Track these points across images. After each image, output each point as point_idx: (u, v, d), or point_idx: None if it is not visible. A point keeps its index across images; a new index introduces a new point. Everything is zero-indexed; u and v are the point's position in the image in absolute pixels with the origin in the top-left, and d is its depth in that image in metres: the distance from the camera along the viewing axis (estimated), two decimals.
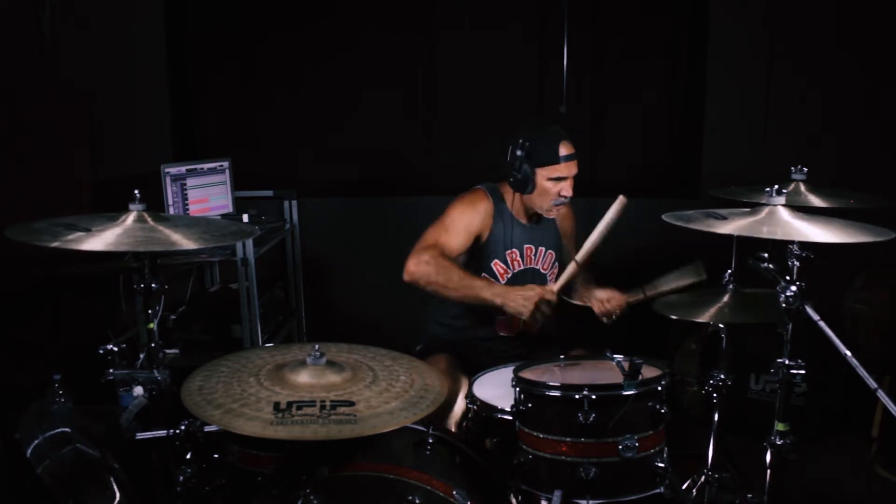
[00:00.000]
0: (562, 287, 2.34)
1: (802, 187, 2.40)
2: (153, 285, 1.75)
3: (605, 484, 1.76)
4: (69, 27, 3.40)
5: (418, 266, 2.27)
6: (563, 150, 2.36)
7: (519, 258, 2.51)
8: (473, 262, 2.45)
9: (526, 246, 2.52)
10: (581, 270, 2.49)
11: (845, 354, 1.61)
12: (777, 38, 3.58)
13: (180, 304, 3.22)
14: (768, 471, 1.85)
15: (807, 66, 3.57)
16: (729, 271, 2.17)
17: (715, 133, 3.72)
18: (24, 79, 3.23)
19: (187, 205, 3.23)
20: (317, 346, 1.60)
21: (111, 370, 1.74)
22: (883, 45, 3.48)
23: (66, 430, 1.67)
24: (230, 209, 3.40)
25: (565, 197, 2.40)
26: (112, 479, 1.68)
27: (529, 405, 1.83)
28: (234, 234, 1.91)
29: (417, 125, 3.92)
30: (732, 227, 1.74)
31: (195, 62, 3.87)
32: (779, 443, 1.82)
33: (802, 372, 1.77)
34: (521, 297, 2.23)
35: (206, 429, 1.73)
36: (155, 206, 1.85)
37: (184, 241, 1.71)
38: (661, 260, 2.38)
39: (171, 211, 3.16)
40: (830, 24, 3.53)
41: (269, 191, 3.68)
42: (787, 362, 1.78)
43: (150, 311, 1.77)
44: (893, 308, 3.22)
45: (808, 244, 1.72)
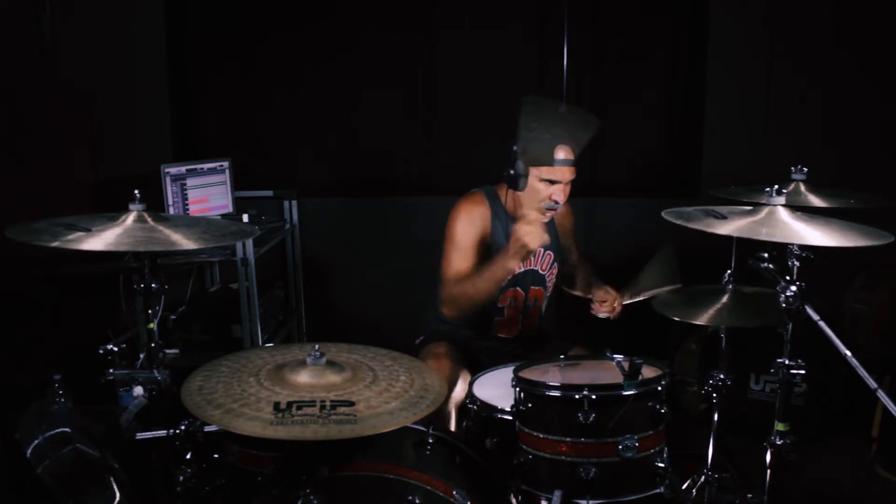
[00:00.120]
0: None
1: (802, 187, 2.40)
2: (153, 285, 1.75)
3: (605, 484, 1.76)
4: (69, 27, 3.40)
5: (451, 311, 2.38)
6: (561, 154, 2.31)
7: None
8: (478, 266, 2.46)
9: None
10: (584, 264, 2.53)
11: (845, 354, 1.61)
12: (777, 38, 3.58)
13: (180, 304, 3.22)
14: (768, 471, 1.85)
15: (807, 66, 3.57)
16: (729, 271, 2.17)
17: (715, 133, 3.72)
18: (24, 79, 3.23)
19: (187, 205, 3.22)
20: (317, 346, 1.59)
21: (111, 370, 1.74)
22: (883, 46, 3.48)
23: (66, 430, 1.67)
24: (230, 209, 3.40)
25: (556, 202, 2.32)
26: (112, 479, 1.68)
27: (529, 405, 1.83)
28: (234, 234, 1.91)
29: (417, 125, 3.92)
30: (732, 227, 1.74)
31: (195, 62, 3.86)
32: (779, 443, 1.82)
33: (802, 372, 1.77)
34: (522, 234, 2.14)
35: (206, 429, 1.74)
36: (155, 206, 1.85)
37: (184, 241, 1.71)
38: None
39: (171, 211, 3.15)
40: (830, 24, 3.53)
41: (269, 191, 3.68)
42: (787, 362, 1.78)
43: (150, 311, 1.77)
44: (893, 308, 3.22)
45: (808, 245, 1.71)
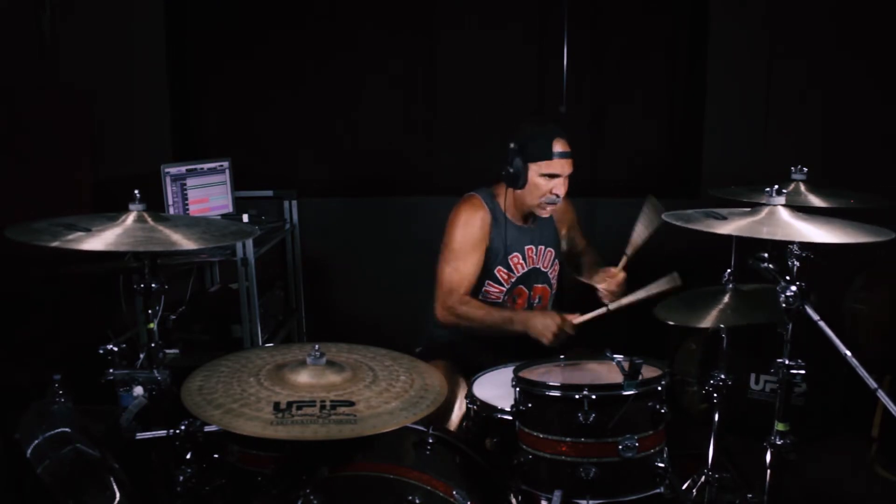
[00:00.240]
0: (583, 323, 2.36)
1: (802, 187, 2.40)
2: (153, 285, 1.75)
3: (605, 484, 1.76)
4: (69, 27, 3.41)
5: (445, 317, 2.44)
6: (558, 147, 2.36)
7: (522, 261, 2.51)
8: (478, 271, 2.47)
9: (527, 247, 2.52)
10: (591, 251, 2.55)
11: (845, 354, 1.61)
12: (777, 38, 3.58)
13: (180, 304, 3.22)
14: (768, 471, 1.85)
15: (807, 66, 3.57)
16: (729, 271, 2.17)
17: (715, 133, 3.72)
18: (24, 79, 3.24)
19: (187, 205, 3.22)
20: (317, 346, 1.59)
21: (111, 370, 1.74)
22: (883, 45, 3.48)
23: (66, 430, 1.67)
24: (230, 209, 3.40)
25: (556, 195, 2.39)
26: (112, 479, 1.68)
27: (529, 405, 1.83)
28: (234, 234, 1.91)
29: (417, 125, 3.92)
30: (732, 227, 1.74)
31: (195, 62, 3.86)
32: (779, 443, 1.82)
33: (802, 372, 1.77)
34: (541, 325, 2.31)
35: (206, 429, 1.73)
36: (155, 206, 1.84)
37: (184, 241, 1.71)
38: (662, 260, 2.38)
39: (171, 211, 3.15)
40: (830, 24, 3.53)
41: (269, 191, 3.68)
42: (787, 362, 1.78)
43: (150, 311, 1.77)
44: (893, 308, 3.22)
45: (808, 244, 1.71)
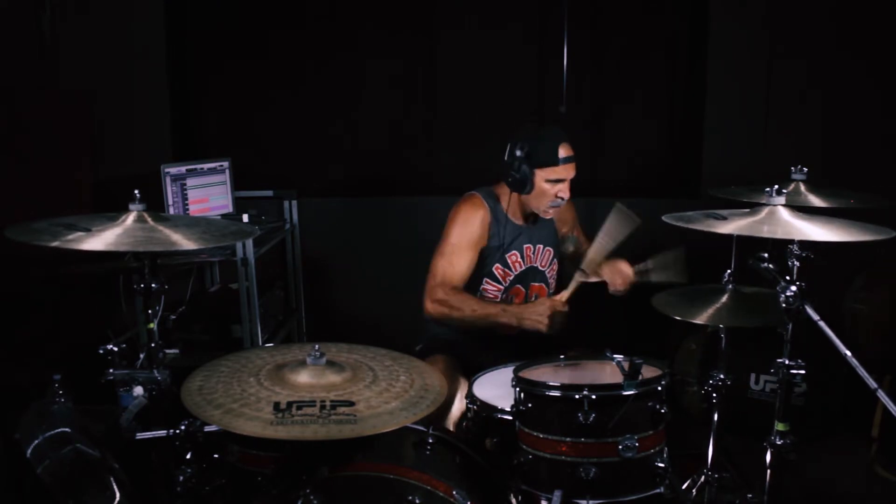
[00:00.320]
0: (570, 297, 2.38)
1: (802, 187, 2.40)
2: (153, 285, 1.75)
3: (605, 484, 1.76)
4: (69, 27, 3.40)
5: (434, 308, 2.40)
6: (563, 152, 2.39)
7: (519, 259, 2.52)
8: (475, 269, 2.46)
9: (525, 246, 2.53)
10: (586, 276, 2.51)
11: (845, 354, 1.61)
12: (777, 38, 3.58)
13: (180, 304, 3.22)
14: (768, 471, 1.85)
15: (807, 66, 3.57)
16: (729, 271, 2.17)
17: (715, 133, 3.72)
18: (24, 79, 3.24)
19: (187, 205, 3.22)
20: (317, 346, 1.59)
21: (111, 370, 1.74)
22: (883, 46, 3.48)
23: (66, 430, 1.67)
24: (230, 209, 3.40)
25: (562, 199, 2.43)
26: (112, 479, 1.68)
27: (529, 405, 1.83)
28: (234, 234, 1.91)
29: (417, 125, 3.92)
30: (732, 227, 1.74)
31: (195, 62, 3.87)
32: (779, 443, 1.82)
33: (802, 372, 1.77)
34: (535, 314, 2.31)
35: (206, 429, 1.73)
36: (155, 206, 1.85)
37: (184, 241, 1.71)
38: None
39: (171, 211, 3.15)
40: (830, 24, 3.53)
41: (269, 191, 3.68)
42: (787, 362, 1.78)
43: (150, 311, 1.77)
44: (893, 308, 3.22)
45: (808, 244, 1.72)
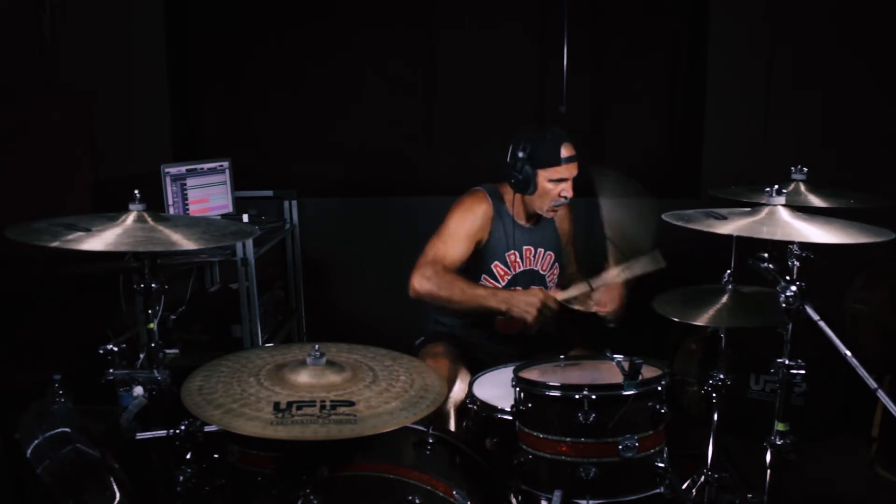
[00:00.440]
0: (566, 299, 2.36)
1: (802, 187, 2.40)
2: (153, 285, 1.75)
3: (605, 484, 1.76)
4: (69, 27, 3.40)
5: (421, 283, 2.33)
6: (565, 152, 2.38)
7: (519, 259, 2.52)
8: (473, 264, 2.45)
9: (525, 247, 2.52)
10: (581, 277, 2.51)
11: (845, 354, 1.61)
12: (777, 37, 3.58)
13: (180, 304, 3.22)
14: (768, 471, 1.85)
15: (807, 66, 3.57)
16: (728, 271, 2.17)
17: (715, 133, 3.72)
18: (24, 79, 3.24)
19: (187, 205, 3.22)
20: (317, 346, 1.59)
21: (111, 370, 1.74)
22: (883, 46, 3.48)
23: (66, 430, 1.67)
24: (230, 209, 3.40)
25: (565, 198, 2.43)
26: (112, 479, 1.68)
27: (529, 405, 1.83)
28: (234, 234, 1.91)
29: (417, 125, 3.92)
30: (732, 227, 1.74)
31: (195, 62, 3.86)
32: (779, 443, 1.82)
33: (802, 372, 1.77)
34: (524, 303, 2.27)
35: (206, 429, 1.73)
36: (155, 206, 1.84)
37: (184, 241, 1.71)
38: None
39: (171, 211, 3.15)
40: (831, 24, 3.53)
41: (269, 191, 3.68)
42: (787, 362, 1.78)
43: (150, 311, 1.77)
44: (893, 308, 3.22)
45: (808, 244, 1.71)
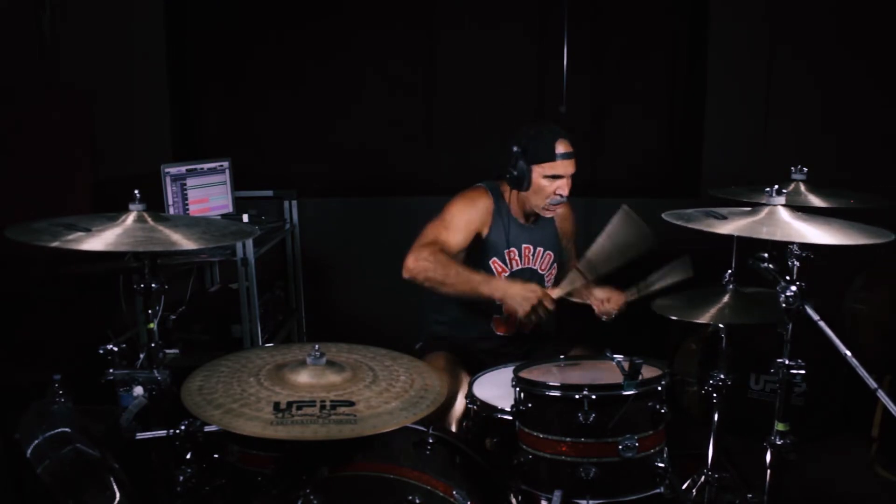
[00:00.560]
0: (562, 295, 2.32)
1: (802, 187, 2.40)
2: (153, 285, 1.75)
3: (605, 484, 1.76)
4: (69, 27, 3.40)
5: (416, 262, 2.25)
6: (560, 148, 2.36)
7: (517, 257, 2.51)
8: (472, 259, 2.44)
9: (524, 245, 2.52)
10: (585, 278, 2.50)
11: (845, 354, 1.61)
12: (777, 37, 3.59)
13: (180, 304, 3.22)
14: (768, 471, 1.85)
15: (807, 66, 3.57)
16: (729, 271, 2.17)
17: (715, 133, 3.72)
18: (24, 79, 3.23)
19: (187, 205, 3.22)
20: (317, 346, 1.59)
21: (111, 370, 1.74)
22: (883, 46, 3.48)
23: (66, 430, 1.67)
24: (230, 209, 3.40)
25: (561, 196, 2.39)
26: (112, 479, 1.68)
27: (529, 405, 1.83)
28: (234, 234, 1.90)
29: (417, 125, 3.92)
30: (732, 227, 1.74)
31: (195, 62, 3.87)
32: (779, 443, 1.82)
33: (802, 372, 1.77)
34: (520, 297, 2.21)
35: (206, 429, 1.73)
36: (155, 206, 1.84)
37: (184, 241, 1.71)
38: (661, 259, 2.38)
39: (171, 211, 3.15)
40: (831, 24, 3.53)
41: (269, 191, 3.68)
42: (787, 362, 1.78)
43: (150, 311, 1.77)
44: (893, 308, 3.22)
45: (808, 244, 1.71)
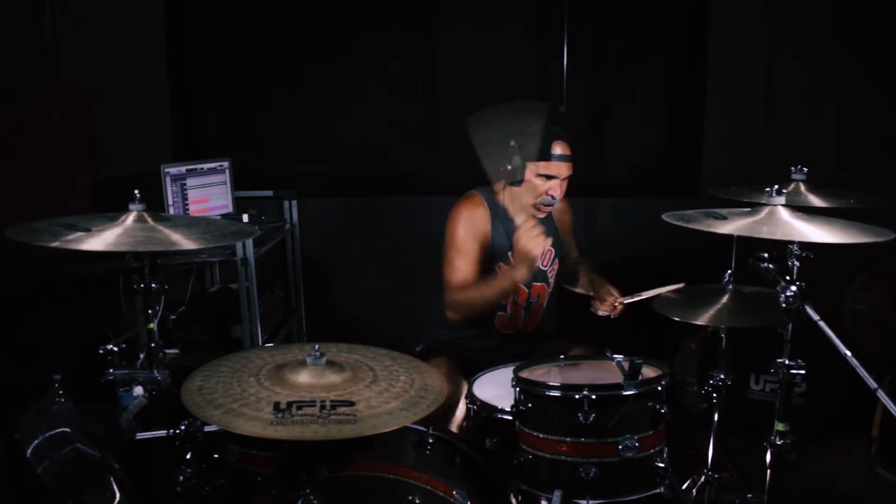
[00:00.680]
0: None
1: (802, 187, 2.40)
2: (153, 285, 1.75)
3: (605, 484, 1.76)
4: (69, 27, 3.40)
5: (456, 314, 2.42)
6: (558, 150, 2.35)
7: None
8: (482, 267, 2.45)
9: None
10: (584, 261, 2.52)
11: (845, 354, 1.61)
12: (777, 37, 3.58)
13: (180, 304, 3.22)
14: (768, 471, 1.85)
15: (807, 66, 3.57)
16: (729, 271, 2.17)
17: (715, 133, 3.72)
18: (24, 79, 3.23)
19: (187, 205, 3.22)
20: (317, 346, 1.59)
21: (111, 370, 1.74)
22: (884, 46, 3.48)
23: (66, 430, 1.67)
24: (230, 209, 3.40)
25: (553, 198, 2.37)
26: (112, 479, 1.68)
27: (529, 405, 1.83)
28: (234, 234, 1.91)
29: (417, 125, 3.92)
30: (732, 227, 1.74)
31: (195, 62, 3.86)
32: (779, 443, 1.82)
33: (802, 372, 1.77)
34: (524, 250, 2.20)
35: (206, 429, 1.73)
36: (155, 206, 1.84)
37: (184, 241, 1.71)
38: (661, 259, 2.38)
39: (171, 211, 3.15)
40: (831, 24, 3.53)
41: (269, 191, 3.68)
42: (787, 362, 1.78)
43: (150, 311, 1.77)
44: (893, 308, 3.22)
45: (808, 244, 1.71)
